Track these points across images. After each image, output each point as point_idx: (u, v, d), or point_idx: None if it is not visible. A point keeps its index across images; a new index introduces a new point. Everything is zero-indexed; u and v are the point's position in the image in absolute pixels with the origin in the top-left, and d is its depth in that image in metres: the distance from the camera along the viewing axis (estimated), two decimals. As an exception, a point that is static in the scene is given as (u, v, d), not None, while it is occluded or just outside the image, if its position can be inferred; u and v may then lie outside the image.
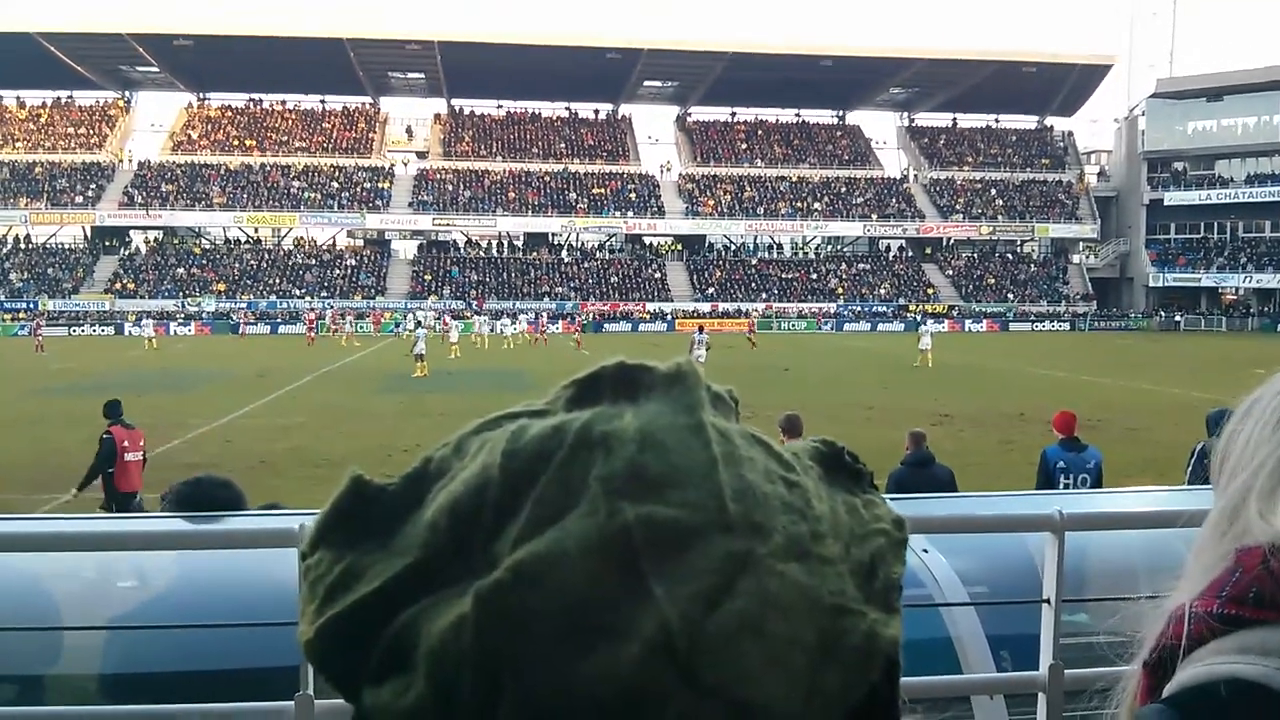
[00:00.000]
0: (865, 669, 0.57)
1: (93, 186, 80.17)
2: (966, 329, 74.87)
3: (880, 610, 0.59)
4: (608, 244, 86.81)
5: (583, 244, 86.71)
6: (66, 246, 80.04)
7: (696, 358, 34.64)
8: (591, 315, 73.77)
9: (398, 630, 0.56)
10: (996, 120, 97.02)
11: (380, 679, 0.55)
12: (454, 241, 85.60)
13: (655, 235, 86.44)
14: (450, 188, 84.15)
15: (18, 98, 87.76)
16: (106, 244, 79.51)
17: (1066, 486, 9.77)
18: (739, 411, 0.65)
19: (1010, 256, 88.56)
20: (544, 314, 67.14)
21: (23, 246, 78.72)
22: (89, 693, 3.34)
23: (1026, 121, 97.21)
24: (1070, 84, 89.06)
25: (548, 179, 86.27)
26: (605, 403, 0.62)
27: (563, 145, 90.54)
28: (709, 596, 0.53)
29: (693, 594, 0.53)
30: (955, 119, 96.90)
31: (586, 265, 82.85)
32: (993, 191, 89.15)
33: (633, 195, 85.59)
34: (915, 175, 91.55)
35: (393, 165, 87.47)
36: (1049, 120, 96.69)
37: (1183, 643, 0.92)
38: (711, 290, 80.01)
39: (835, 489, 0.65)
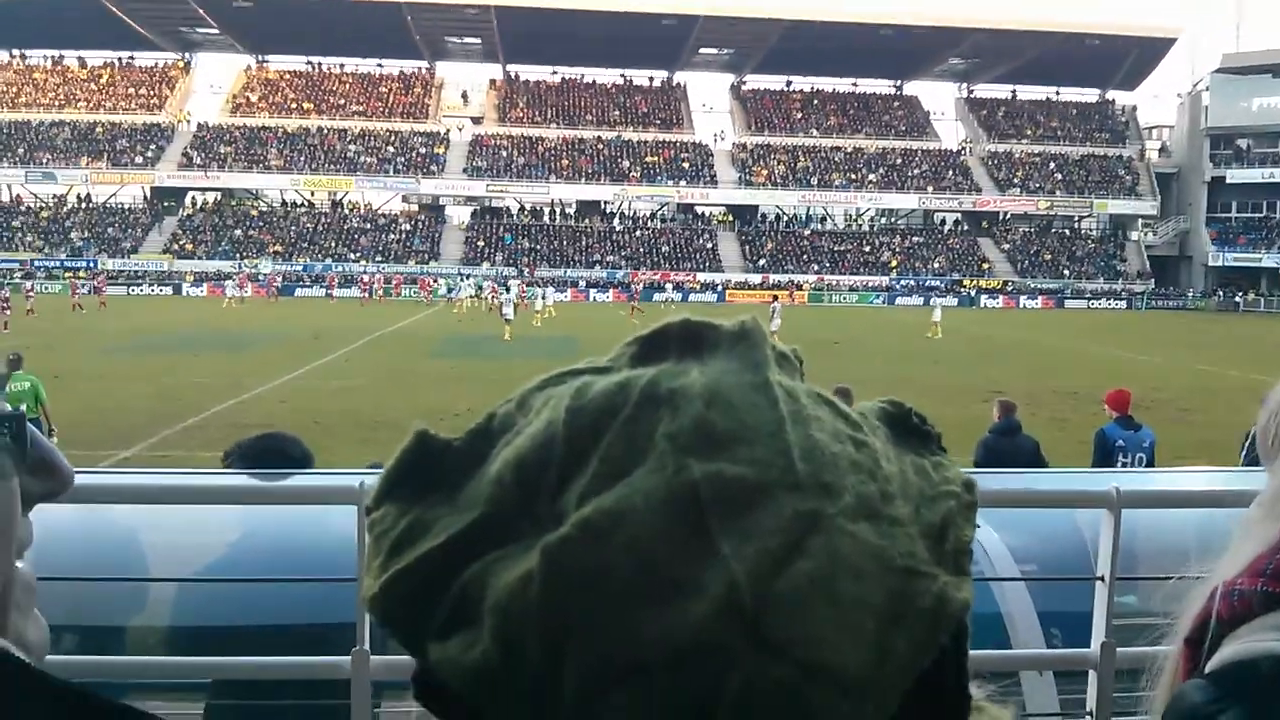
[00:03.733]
0: (935, 632, 0.56)
1: (152, 147, 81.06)
2: (1021, 305, 74.05)
3: (951, 573, 0.58)
4: (659, 213, 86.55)
5: (634, 212, 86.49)
6: (126, 206, 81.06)
7: (773, 328, 34.89)
8: (641, 284, 73.86)
9: (464, 585, 0.55)
10: (1057, 93, 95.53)
11: (446, 634, 0.55)
12: (507, 208, 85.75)
13: (707, 205, 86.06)
14: (504, 154, 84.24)
15: (79, 57, 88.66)
16: (165, 204, 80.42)
17: (1124, 465, 9.69)
18: (803, 371, 0.65)
19: (1067, 232, 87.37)
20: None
21: (83, 206, 79.85)
22: (150, 645, 3.41)
23: (1088, 95, 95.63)
24: (1133, 57, 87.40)
25: (601, 146, 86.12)
26: (670, 360, 0.61)
27: (617, 113, 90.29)
28: (777, 555, 0.52)
29: (761, 552, 0.52)
30: (1015, 91, 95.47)
31: (638, 234, 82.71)
32: (1051, 165, 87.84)
33: (685, 164, 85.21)
34: (972, 147, 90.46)
35: (448, 130, 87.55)
36: (1110, 94, 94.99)
37: (1226, 620, 0.91)
38: (763, 261, 79.59)
39: (904, 450, 0.64)
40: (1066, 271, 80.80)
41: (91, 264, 71.76)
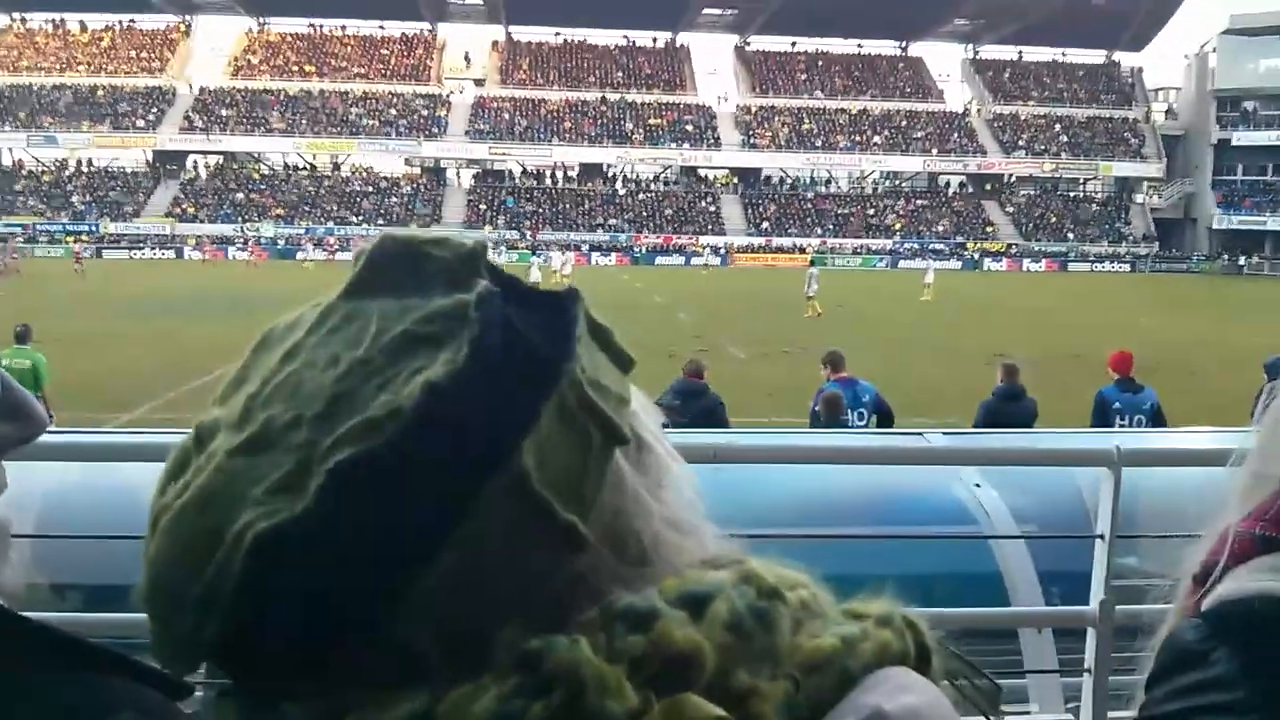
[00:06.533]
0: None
1: (154, 110, 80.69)
2: (1025, 268, 73.72)
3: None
4: (662, 176, 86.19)
5: (637, 175, 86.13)
6: (128, 170, 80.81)
7: (810, 293, 34.64)
8: (643, 247, 73.69)
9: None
10: (1063, 54, 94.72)
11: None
12: (509, 171, 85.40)
13: (711, 168, 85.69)
14: (506, 116, 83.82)
15: (80, 21, 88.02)
16: (167, 168, 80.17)
17: (1122, 427, 9.70)
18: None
19: (1072, 195, 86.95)
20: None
21: (85, 170, 79.60)
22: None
23: (1094, 56, 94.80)
24: (1140, 17, 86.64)
25: (604, 109, 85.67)
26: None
27: (620, 74, 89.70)
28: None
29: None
30: (1021, 52, 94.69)
31: (641, 197, 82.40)
32: (1057, 127, 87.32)
33: (689, 126, 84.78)
34: (978, 109, 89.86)
35: (450, 93, 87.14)
36: (1117, 55, 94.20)
37: (1224, 560, 0.95)
38: (766, 224, 79.35)
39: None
40: (1071, 234, 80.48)
41: (93, 228, 71.67)
